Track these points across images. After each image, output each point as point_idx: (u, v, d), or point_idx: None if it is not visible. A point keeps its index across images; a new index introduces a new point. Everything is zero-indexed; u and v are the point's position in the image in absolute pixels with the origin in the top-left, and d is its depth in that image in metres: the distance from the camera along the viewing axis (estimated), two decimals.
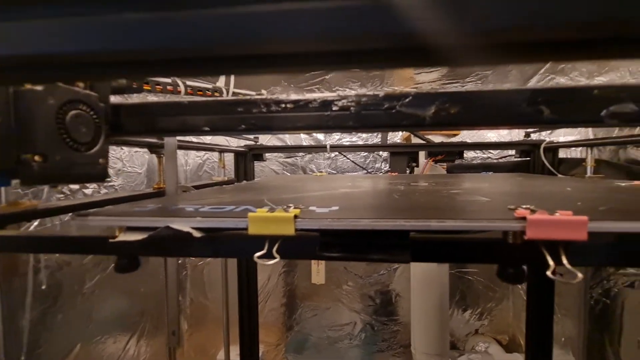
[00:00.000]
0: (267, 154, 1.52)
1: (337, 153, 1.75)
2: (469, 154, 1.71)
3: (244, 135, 1.38)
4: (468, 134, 1.75)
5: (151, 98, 0.82)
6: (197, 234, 0.29)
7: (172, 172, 0.69)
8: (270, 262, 0.28)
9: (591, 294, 1.08)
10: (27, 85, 0.26)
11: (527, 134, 1.30)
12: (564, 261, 0.25)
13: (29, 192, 0.91)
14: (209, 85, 0.95)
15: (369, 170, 1.75)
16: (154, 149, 0.71)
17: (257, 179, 1.16)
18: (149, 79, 0.76)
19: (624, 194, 0.46)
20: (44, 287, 1.05)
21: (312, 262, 1.76)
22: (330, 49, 0.13)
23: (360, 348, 1.77)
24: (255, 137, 1.40)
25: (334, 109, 0.31)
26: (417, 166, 1.32)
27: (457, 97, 0.30)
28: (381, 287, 1.76)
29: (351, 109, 0.31)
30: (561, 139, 1.29)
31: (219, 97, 0.97)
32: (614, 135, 1.05)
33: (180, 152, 1.80)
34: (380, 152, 1.73)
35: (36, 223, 0.99)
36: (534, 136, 1.29)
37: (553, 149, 1.15)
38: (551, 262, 0.25)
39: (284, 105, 0.32)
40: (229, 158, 1.37)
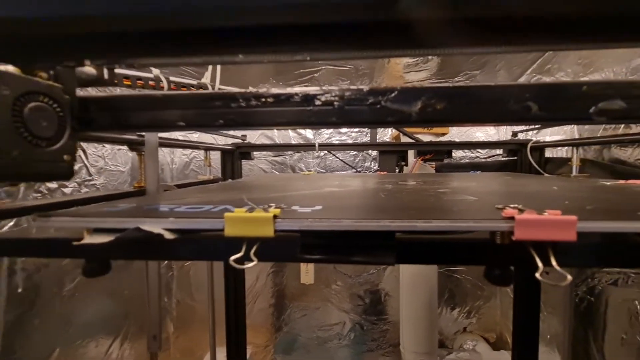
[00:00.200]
0: (255, 153, 1.50)
1: (326, 152, 1.74)
2: (457, 154, 1.72)
3: (231, 133, 1.35)
4: (457, 133, 1.76)
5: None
6: (169, 235, 0.27)
7: (153, 170, 0.67)
8: (246, 266, 0.26)
9: (576, 292, 1.09)
10: None
11: (515, 134, 1.31)
12: (553, 262, 0.24)
13: (1, 191, 0.87)
14: (194, 82, 0.92)
15: (358, 170, 1.74)
16: (134, 146, 0.68)
17: (244, 178, 1.14)
18: (129, 73, 0.74)
19: (610, 193, 0.46)
20: (20, 290, 1.00)
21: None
22: (306, 21, 0.12)
23: (349, 348, 1.76)
24: (242, 135, 1.38)
25: (316, 103, 0.30)
26: (406, 165, 1.32)
27: (443, 93, 0.29)
28: (370, 286, 1.76)
29: (334, 103, 0.30)
30: (547, 138, 1.30)
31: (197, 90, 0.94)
32: (599, 135, 1.07)
33: (166, 150, 1.76)
34: (370, 151, 1.72)
35: (11, 224, 0.95)
36: (521, 136, 1.30)
37: (539, 148, 1.16)
38: (540, 264, 0.24)
39: (264, 100, 0.30)
40: (216, 156, 1.35)
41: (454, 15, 0.10)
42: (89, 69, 0.32)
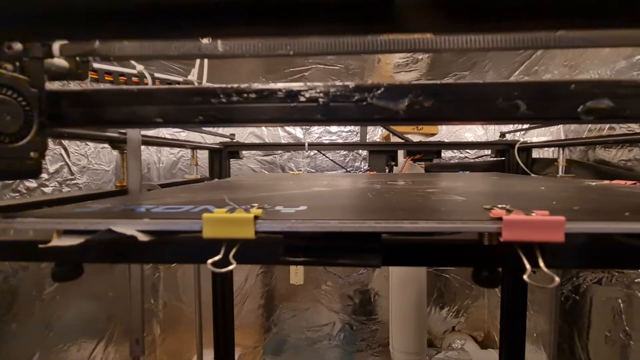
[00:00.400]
0: (244, 152, 1.48)
1: (316, 152, 1.73)
2: (446, 154, 1.73)
3: (220, 132, 1.33)
4: (446, 134, 1.77)
5: None
6: (143, 237, 0.25)
7: (136, 169, 0.64)
8: (225, 270, 0.25)
9: (562, 291, 1.11)
10: None
11: (503, 134, 1.33)
12: (541, 264, 0.24)
13: None
14: (180, 79, 0.90)
15: (348, 169, 1.74)
16: (116, 144, 0.66)
17: (231, 177, 1.12)
18: (111, 69, 0.71)
19: (595, 193, 0.46)
20: None
21: None
22: None
23: (339, 348, 1.75)
24: (231, 134, 1.35)
25: (301, 100, 0.29)
26: (396, 165, 1.32)
27: (431, 90, 0.28)
28: (360, 286, 1.75)
29: (319, 100, 0.29)
30: (534, 139, 1.32)
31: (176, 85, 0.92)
32: (584, 136, 1.08)
33: (153, 149, 1.72)
34: (360, 151, 1.72)
35: None
36: (509, 137, 1.32)
37: (527, 149, 1.18)
38: (528, 266, 0.24)
39: (246, 95, 0.29)
40: (204, 155, 1.32)
41: None
42: (59, 61, 0.30)
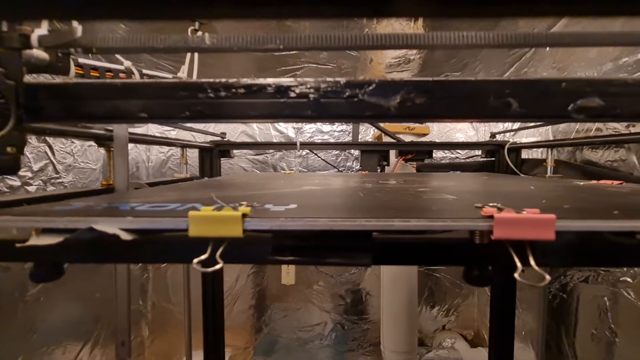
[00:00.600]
0: (235, 151, 1.46)
1: (308, 151, 1.72)
2: (437, 154, 1.74)
3: (210, 130, 1.31)
4: (437, 134, 1.78)
5: None
6: (126, 236, 0.25)
7: (123, 167, 0.63)
8: (211, 269, 0.24)
9: (549, 289, 1.13)
10: None
11: (493, 135, 1.34)
12: (531, 262, 0.24)
13: None
14: (169, 76, 0.88)
15: (340, 169, 1.74)
16: (102, 141, 0.64)
17: (221, 176, 1.11)
18: (97, 64, 0.69)
19: (584, 192, 0.46)
20: None
21: None
22: None
23: (331, 348, 1.75)
24: (222, 133, 1.34)
25: (291, 95, 0.28)
26: (388, 165, 1.32)
27: (423, 87, 0.28)
28: (352, 286, 1.75)
29: (310, 96, 0.28)
30: (524, 140, 1.34)
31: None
32: (572, 137, 1.10)
33: (142, 147, 1.69)
34: (352, 151, 1.72)
35: None
36: (499, 137, 1.33)
37: (516, 149, 1.19)
38: (519, 264, 0.23)
39: (234, 91, 0.28)
40: (194, 154, 1.30)
41: None
42: (39, 53, 0.29)
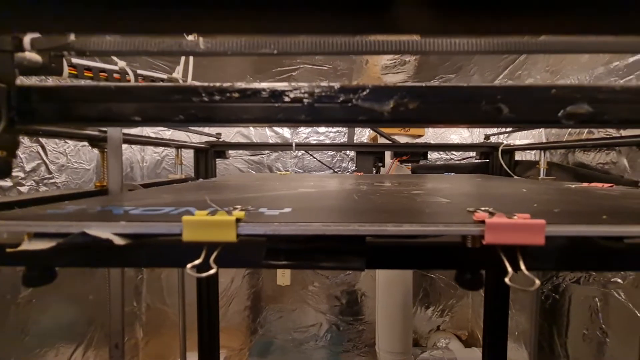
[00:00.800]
0: (231, 152, 1.46)
1: (304, 152, 1.72)
2: (432, 155, 1.75)
3: (205, 131, 1.31)
4: (432, 135, 1.79)
5: None
6: (119, 240, 0.24)
7: (116, 168, 0.62)
8: (205, 274, 0.24)
9: (542, 290, 1.14)
10: None
11: (487, 137, 1.35)
12: (522, 266, 0.24)
13: None
14: (164, 76, 0.88)
15: (336, 170, 1.74)
16: (96, 142, 0.64)
17: (216, 177, 1.10)
18: (91, 64, 0.69)
19: (575, 195, 0.47)
20: None
21: None
22: None
23: (326, 349, 1.75)
24: (217, 134, 1.33)
25: (285, 100, 0.28)
26: (383, 166, 1.32)
27: (416, 92, 0.28)
28: (347, 287, 1.76)
29: (304, 100, 0.28)
30: (517, 142, 1.35)
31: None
32: (564, 140, 1.12)
33: (136, 148, 1.68)
34: (347, 152, 1.72)
35: None
36: (493, 139, 1.34)
37: (510, 151, 1.20)
38: (509, 269, 0.24)
39: (229, 95, 0.28)
40: (189, 155, 1.29)
41: None
42: (31, 55, 0.29)
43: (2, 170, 0.26)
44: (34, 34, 0.26)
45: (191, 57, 0.96)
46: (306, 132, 1.77)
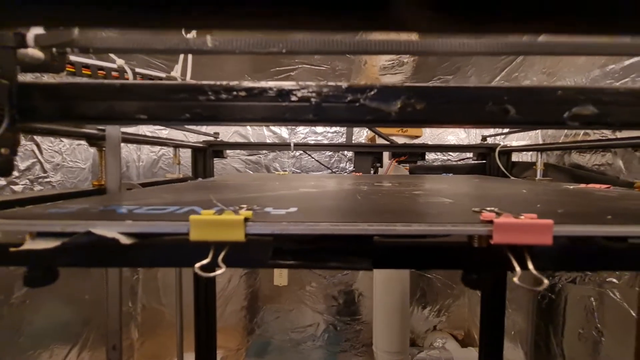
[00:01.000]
0: (228, 151, 1.45)
1: (301, 152, 1.72)
2: (429, 156, 1.76)
3: (203, 130, 1.30)
4: (429, 136, 1.80)
5: None
6: (125, 240, 0.24)
7: (115, 167, 0.62)
8: (214, 274, 0.24)
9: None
10: None
11: (484, 138, 1.36)
12: (530, 266, 0.24)
13: None
14: (162, 75, 0.87)
15: (334, 170, 1.74)
16: (94, 140, 0.63)
17: (215, 177, 1.10)
18: (89, 62, 0.68)
19: (576, 196, 0.47)
20: None
21: None
22: None
23: (323, 349, 1.75)
24: (215, 133, 1.33)
25: (292, 99, 0.28)
26: (381, 166, 1.33)
27: (423, 93, 0.28)
28: (345, 287, 1.76)
29: (311, 100, 0.28)
30: (514, 143, 1.36)
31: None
32: (561, 141, 1.13)
33: (133, 147, 1.66)
34: (345, 152, 1.72)
35: None
36: (489, 140, 1.35)
37: (507, 152, 1.21)
38: (518, 269, 0.24)
39: (235, 93, 0.28)
40: (187, 154, 1.29)
41: None
42: (34, 52, 0.28)
43: (5, 169, 0.25)
44: (38, 29, 0.26)
45: (190, 56, 0.96)
46: (304, 132, 1.77)
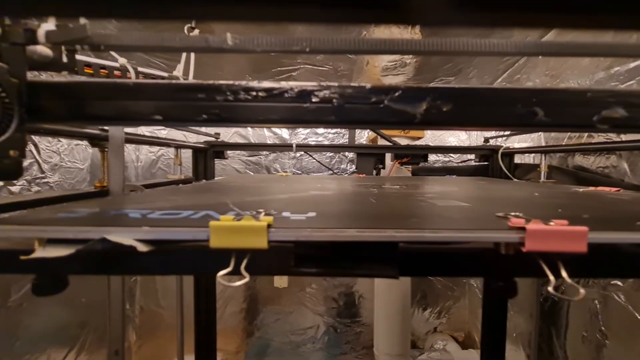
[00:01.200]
0: (229, 152, 1.43)
1: (302, 153, 1.71)
2: (430, 157, 1.75)
3: (203, 131, 1.28)
4: (430, 137, 1.80)
5: None
6: (143, 247, 0.23)
7: (118, 168, 0.60)
8: (238, 284, 0.23)
9: (541, 292, 1.15)
10: None
11: (486, 140, 1.36)
12: (564, 274, 0.23)
13: None
14: (164, 74, 0.86)
15: (335, 171, 1.73)
16: (96, 141, 0.61)
17: (218, 178, 1.08)
18: (91, 60, 0.66)
19: (592, 200, 0.47)
20: None
21: None
22: None
23: (323, 351, 1.74)
24: (216, 133, 1.31)
25: (313, 100, 0.27)
26: (384, 168, 1.32)
27: (449, 94, 0.27)
28: (345, 289, 1.75)
29: (334, 101, 0.27)
30: (516, 145, 1.36)
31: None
32: (564, 144, 1.13)
33: (131, 147, 1.64)
34: (346, 153, 1.71)
35: None
36: (492, 142, 1.35)
37: (509, 154, 1.21)
38: (551, 277, 0.23)
39: (254, 94, 0.27)
40: (187, 155, 1.27)
41: None
42: (42, 49, 0.27)
43: (14, 171, 0.24)
44: (49, 25, 0.25)
45: (192, 55, 0.94)
46: (305, 132, 1.76)
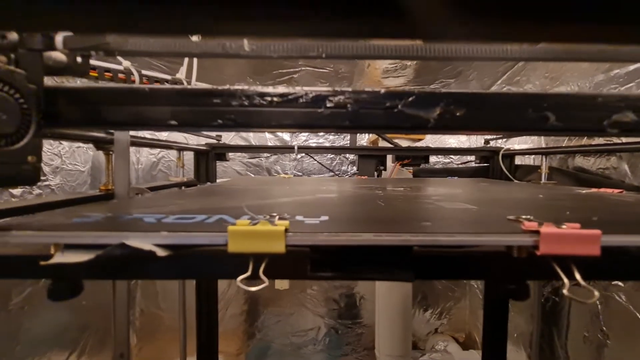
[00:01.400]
0: (230, 154, 1.43)
1: (303, 154, 1.71)
2: (431, 159, 1.76)
3: (204, 133, 1.28)
4: (430, 139, 1.80)
5: None
6: (161, 252, 0.23)
7: (124, 171, 0.60)
8: (257, 288, 0.23)
9: (542, 292, 1.15)
10: None
11: (487, 141, 1.37)
12: (578, 277, 0.24)
13: None
14: (168, 77, 0.86)
15: (336, 173, 1.73)
16: (102, 145, 0.61)
17: (220, 181, 1.08)
18: (96, 64, 0.66)
19: (597, 202, 0.47)
20: None
21: None
22: None
23: (324, 353, 1.74)
24: (217, 135, 1.31)
25: (328, 105, 0.27)
26: (385, 170, 1.32)
27: (462, 99, 0.27)
28: (346, 290, 1.75)
29: (348, 106, 0.27)
30: (516, 146, 1.37)
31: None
32: (564, 145, 1.14)
33: (132, 149, 1.64)
34: (347, 155, 1.72)
35: None
36: (492, 143, 1.36)
37: (510, 155, 1.22)
38: (566, 280, 0.23)
39: (269, 99, 0.27)
40: (189, 157, 1.27)
41: None
42: (57, 55, 0.27)
43: (33, 177, 0.24)
44: (66, 32, 0.25)
45: (195, 59, 0.95)
46: (305, 134, 1.76)
